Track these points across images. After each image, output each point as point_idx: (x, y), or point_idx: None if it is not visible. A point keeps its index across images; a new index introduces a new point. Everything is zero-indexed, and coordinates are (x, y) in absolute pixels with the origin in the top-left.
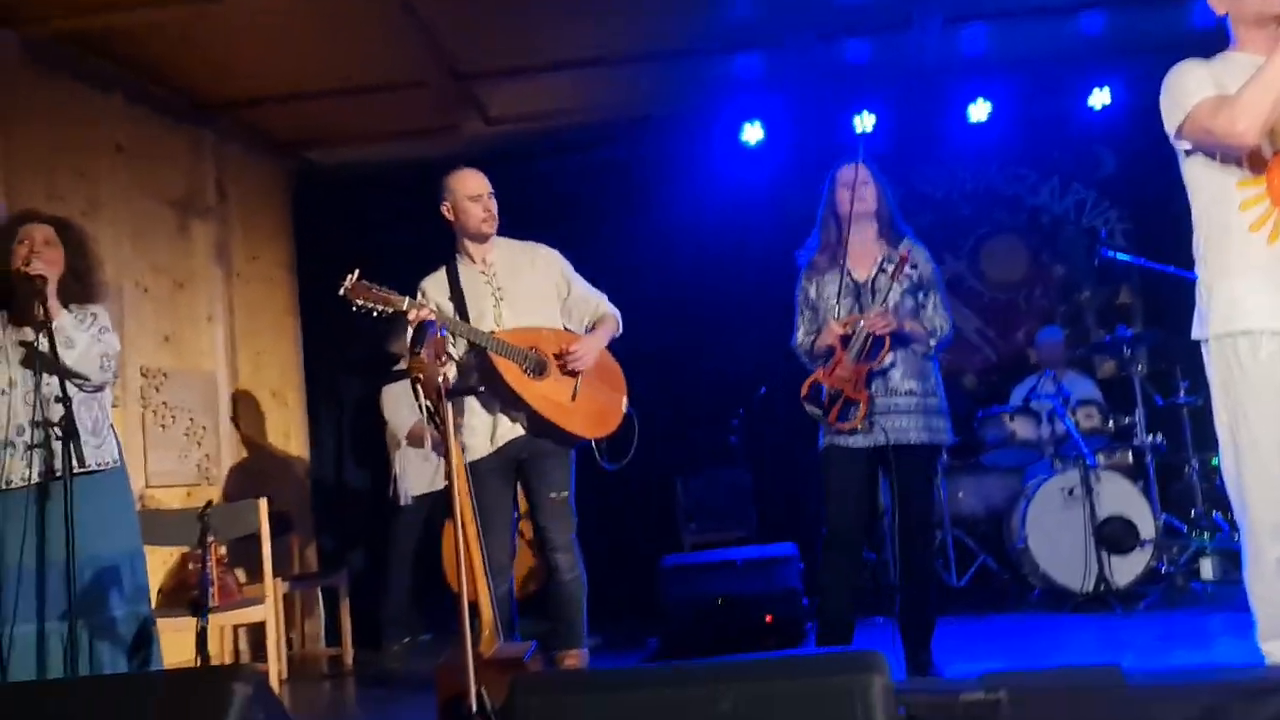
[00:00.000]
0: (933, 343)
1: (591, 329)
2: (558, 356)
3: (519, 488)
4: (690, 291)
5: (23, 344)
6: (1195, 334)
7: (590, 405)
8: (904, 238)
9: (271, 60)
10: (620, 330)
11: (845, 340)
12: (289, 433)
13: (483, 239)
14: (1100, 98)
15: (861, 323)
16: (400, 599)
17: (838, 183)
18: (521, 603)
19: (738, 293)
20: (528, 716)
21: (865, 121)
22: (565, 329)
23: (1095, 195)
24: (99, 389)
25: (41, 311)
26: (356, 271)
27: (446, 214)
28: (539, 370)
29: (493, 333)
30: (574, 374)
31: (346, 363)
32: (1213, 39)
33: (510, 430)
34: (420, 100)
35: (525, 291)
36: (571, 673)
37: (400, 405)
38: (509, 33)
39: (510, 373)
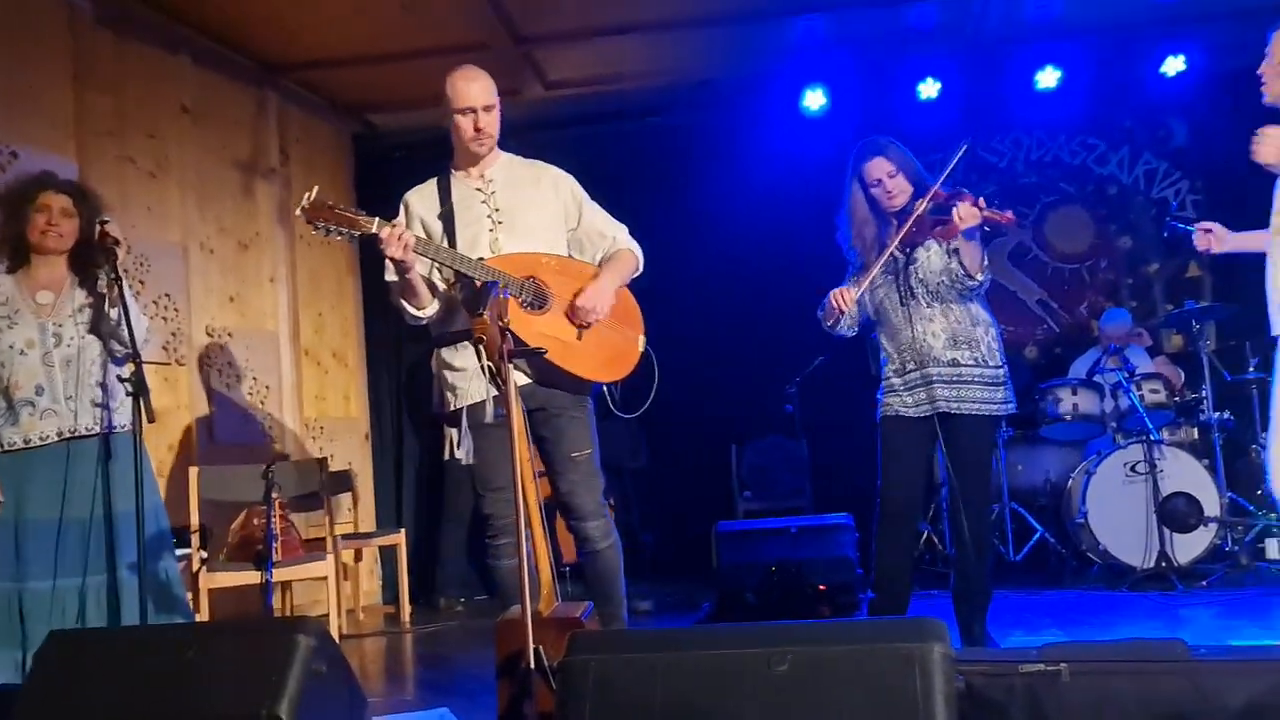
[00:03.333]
0: (970, 285)
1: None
2: (569, 314)
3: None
4: (750, 259)
5: (86, 308)
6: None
7: (600, 344)
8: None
9: (336, 22)
10: (640, 269)
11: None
12: (349, 394)
13: (474, 158)
14: (1174, 65)
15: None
16: (455, 558)
17: (867, 184)
18: (573, 568)
19: (798, 261)
20: (585, 673)
21: (930, 89)
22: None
23: (1166, 166)
24: (128, 357)
25: (112, 280)
26: (315, 189)
27: (445, 122)
28: (538, 303)
29: (483, 260)
30: (586, 325)
31: (404, 326)
32: None
33: (516, 377)
34: (481, 64)
35: (527, 217)
36: (629, 631)
37: None
38: None
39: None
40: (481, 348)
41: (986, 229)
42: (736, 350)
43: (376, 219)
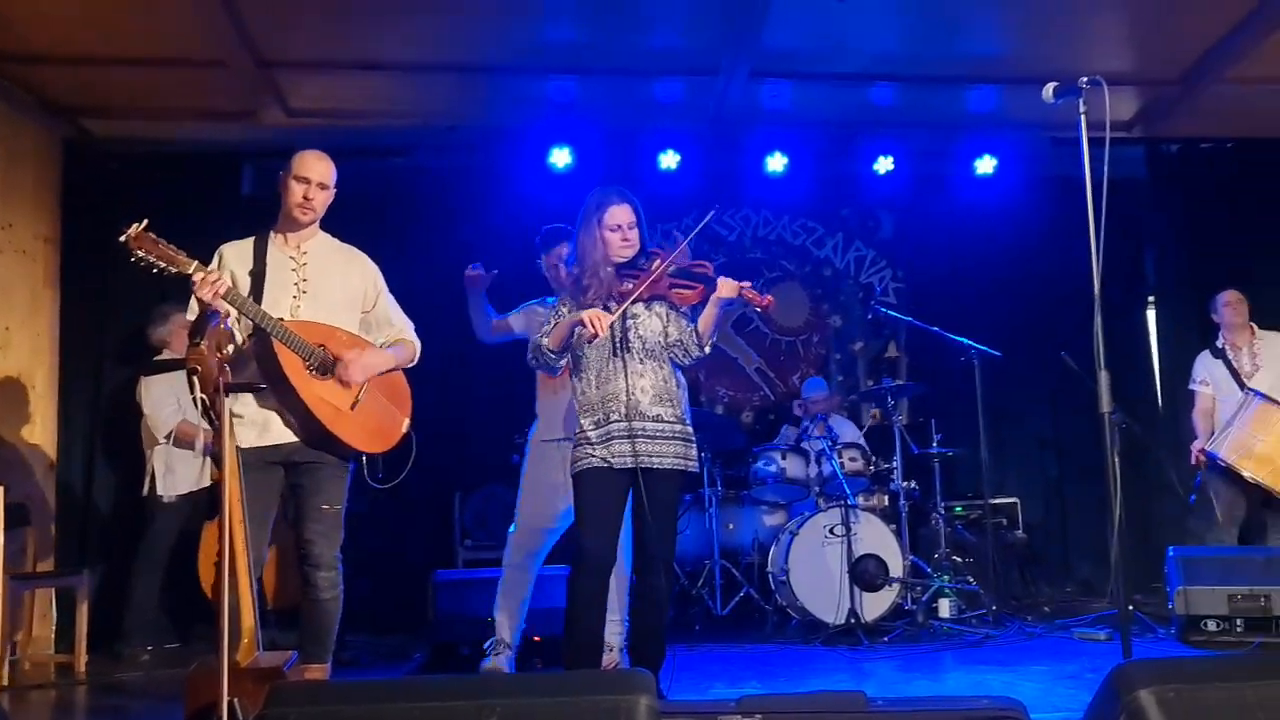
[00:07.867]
0: (686, 360)
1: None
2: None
3: (286, 494)
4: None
5: None
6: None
7: (369, 418)
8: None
9: (54, 14)
10: (415, 360)
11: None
12: (36, 418)
13: (294, 225)
14: (884, 164)
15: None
16: (147, 603)
17: (606, 226)
18: (278, 615)
19: None
20: None
21: (670, 159)
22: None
23: (873, 254)
24: None
25: None
26: (145, 220)
27: (280, 186)
28: (323, 370)
29: (282, 320)
30: (348, 383)
31: (108, 348)
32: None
33: (282, 433)
34: (217, 81)
35: (330, 292)
36: (333, 683)
37: (162, 400)
38: (319, 24)
39: (291, 366)
40: (195, 379)
41: (744, 307)
42: (465, 397)
43: (195, 261)
